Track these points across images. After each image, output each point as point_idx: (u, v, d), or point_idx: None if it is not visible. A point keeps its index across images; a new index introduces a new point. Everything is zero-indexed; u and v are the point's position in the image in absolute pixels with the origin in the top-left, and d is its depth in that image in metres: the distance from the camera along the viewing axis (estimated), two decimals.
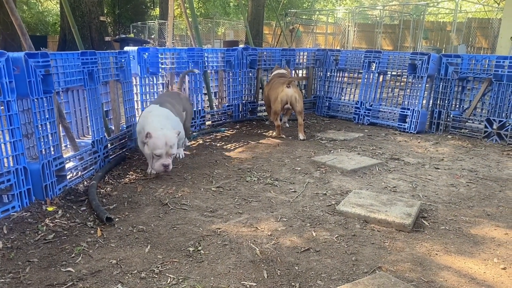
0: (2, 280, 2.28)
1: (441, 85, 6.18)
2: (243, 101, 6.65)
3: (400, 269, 2.49)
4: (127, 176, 4.01)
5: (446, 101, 6.16)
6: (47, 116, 3.32)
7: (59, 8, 23.12)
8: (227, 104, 6.43)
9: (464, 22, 20.24)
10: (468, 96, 6.11)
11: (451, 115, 6.17)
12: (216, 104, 6.36)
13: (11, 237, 2.74)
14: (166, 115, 4.06)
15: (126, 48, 4.96)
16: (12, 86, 2.99)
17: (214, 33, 26.93)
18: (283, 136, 5.72)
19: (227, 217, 3.17)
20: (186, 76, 5.60)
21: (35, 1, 34.63)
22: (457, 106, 6.21)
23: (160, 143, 3.72)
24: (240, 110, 6.63)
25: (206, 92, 6.10)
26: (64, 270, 2.40)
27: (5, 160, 3.02)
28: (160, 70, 5.25)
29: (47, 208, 3.16)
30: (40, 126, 3.24)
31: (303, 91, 7.79)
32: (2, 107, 2.94)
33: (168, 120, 4.02)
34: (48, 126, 3.35)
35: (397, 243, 2.81)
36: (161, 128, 3.79)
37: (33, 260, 2.49)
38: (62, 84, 3.58)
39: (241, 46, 7.47)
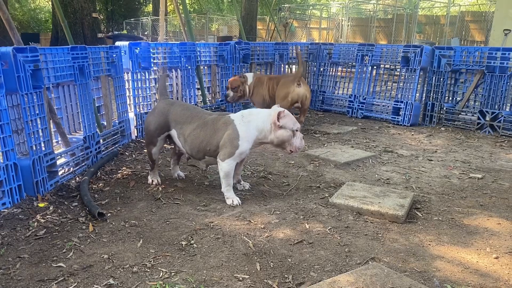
0: None
1: (434, 78, 6.19)
2: None
3: (393, 260, 2.49)
4: (120, 171, 3.99)
5: (439, 94, 6.17)
6: (37, 111, 3.29)
7: (51, 5, 22.94)
8: (220, 99, 6.40)
9: (458, 16, 20.27)
10: (461, 88, 6.12)
11: (444, 108, 6.18)
12: (209, 99, 6.33)
13: (1, 234, 2.71)
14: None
15: (117, 43, 4.91)
16: (0, 81, 2.95)
17: (207, 29, 26.81)
18: None
19: (220, 210, 3.16)
20: (179, 71, 5.57)
21: None
22: (450, 98, 6.22)
23: (292, 116, 3.37)
24: (233, 104, 6.60)
25: (199, 87, 6.07)
26: (55, 265, 2.37)
27: None
28: (152, 65, 5.21)
29: (38, 204, 3.13)
30: (30, 121, 3.20)
31: None
32: None
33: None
34: (39, 122, 3.31)
35: (390, 234, 2.81)
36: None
37: (23, 256, 2.47)
38: (52, 79, 3.54)
39: (234, 40, 7.44)
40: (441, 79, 6.10)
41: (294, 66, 7.75)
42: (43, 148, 3.36)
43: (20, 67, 3.07)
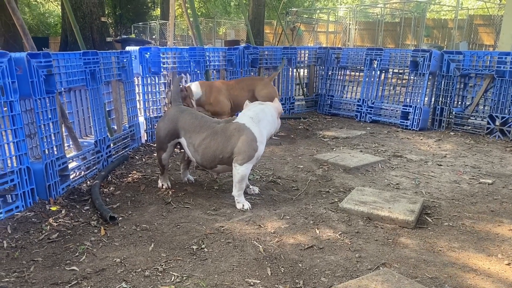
0: (7, 279, 2.28)
1: (443, 82, 6.17)
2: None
3: (404, 266, 2.49)
4: (130, 175, 4.02)
5: (448, 98, 6.15)
6: (49, 116, 3.33)
7: (60, 10, 23.16)
8: None
9: (466, 19, 20.19)
10: (470, 93, 6.10)
11: (453, 112, 6.16)
12: None
13: (15, 237, 2.74)
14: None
15: (128, 48, 4.96)
16: (14, 86, 3.00)
17: (215, 32, 26.92)
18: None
19: (230, 215, 3.17)
20: (188, 76, 5.61)
21: (36, 2, 34.70)
22: (459, 103, 6.20)
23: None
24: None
25: None
26: (69, 269, 2.40)
27: (9, 160, 3.03)
28: (162, 70, 5.25)
29: (51, 208, 3.16)
30: (43, 126, 3.25)
31: (305, 89, 7.80)
32: (5, 108, 2.95)
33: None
34: (51, 126, 3.36)
35: (400, 240, 2.81)
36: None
37: (37, 259, 2.50)
38: (64, 84, 3.59)
39: (242, 44, 7.47)
40: (450, 83, 6.08)
41: (301, 70, 7.77)
42: (55, 152, 3.40)
43: (33, 73, 3.12)
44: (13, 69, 2.97)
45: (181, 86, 4.69)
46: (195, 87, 4.94)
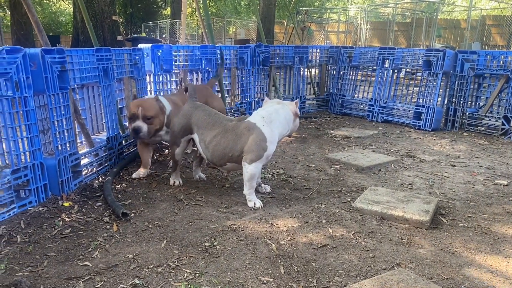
0: (21, 273, 2.29)
1: (456, 82, 6.09)
2: (256, 99, 6.62)
3: (419, 266, 2.45)
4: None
5: (462, 98, 6.07)
6: (63, 112, 3.34)
7: (72, 8, 23.34)
8: (239, 102, 6.42)
9: (479, 20, 19.97)
10: (485, 93, 6.01)
11: (467, 113, 6.09)
12: (229, 101, 6.35)
13: (29, 232, 2.75)
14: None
15: (140, 45, 4.97)
16: (29, 82, 3.01)
17: (225, 32, 26.94)
18: None
19: (242, 213, 3.15)
20: (199, 73, 5.60)
21: (48, 1, 35.00)
22: (473, 103, 6.12)
23: None
24: (253, 107, 6.61)
25: (219, 89, 6.09)
26: (81, 264, 2.40)
27: (22, 155, 3.04)
28: (174, 67, 5.25)
29: (63, 204, 3.17)
30: (56, 122, 3.26)
31: (316, 88, 7.75)
32: (20, 103, 2.96)
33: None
34: (64, 122, 3.36)
35: (415, 240, 2.77)
36: None
37: (50, 254, 2.50)
38: (77, 80, 3.60)
39: (253, 43, 7.45)
40: (464, 83, 6.00)
41: (312, 69, 7.74)
42: (68, 148, 3.41)
43: (48, 68, 3.13)
44: (27, 65, 2.98)
45: (155, 96, 3.89)
46: (164, 101, 3.92)
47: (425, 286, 2.16)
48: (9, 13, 21.96)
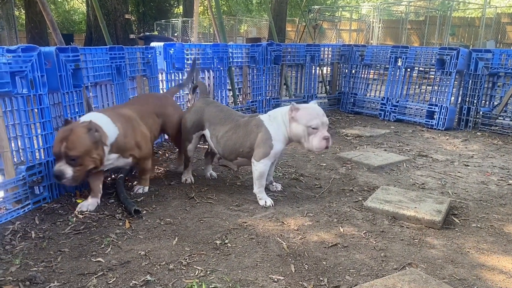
0: (35, 269, 2.33)
1: (470, 81, 6.02)
2: (267, 97, 6.62)
3: (431, 266, 2.43)
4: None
5: (476, 98, 6.00)
6: (76, 110, 3.39)
7: (85, 7, 23.55)
8: (251, 100, 6.42)
9: (493, 18, 19.68)
10: (499, 92, 5.93)
11: (481, 112, 6.01)
12: (240, 100, 6.36)
13: (43, 228, 2.80)
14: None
15: (152, 44, 5.00)
16: (43, 80, 3.05)
17: (237, 30, 26.95)
18: None
19: (253, 211, 3.16)
20: (211, 72, 5.62)
21: (62, 0, 35.38)
22: (487, 102, 6.04)
23: (314, 111, 3.12)
24: (264, 106, 6.61)
25: (230, 88, 6.10)
26: (94, 260, 2.43)
27: (37, 152, 3.09)
28: (186, 66, 5.27)
29: (77, 200, 3.21)
30: (70, 119, 3.29)
31: (328, 87, 7.72)
32: (34, 101, 3.01)
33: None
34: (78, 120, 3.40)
35: (427, 240, 2.75)
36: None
37: (64, 250, 2.54)
38: (91, 78, 3.64)
39: (265, 42, 7.45)
40: (478, 82, 5.93)
41: (324, 67, 7.71)
42: None
43: (62, 66, 3.17)
44: (42, 63, 3.02)
45: (89, 122, 2.91)
46: (106, 123, 3.03)
47: (437, 287, 2.14)
48: (24, 12, 22.26)
